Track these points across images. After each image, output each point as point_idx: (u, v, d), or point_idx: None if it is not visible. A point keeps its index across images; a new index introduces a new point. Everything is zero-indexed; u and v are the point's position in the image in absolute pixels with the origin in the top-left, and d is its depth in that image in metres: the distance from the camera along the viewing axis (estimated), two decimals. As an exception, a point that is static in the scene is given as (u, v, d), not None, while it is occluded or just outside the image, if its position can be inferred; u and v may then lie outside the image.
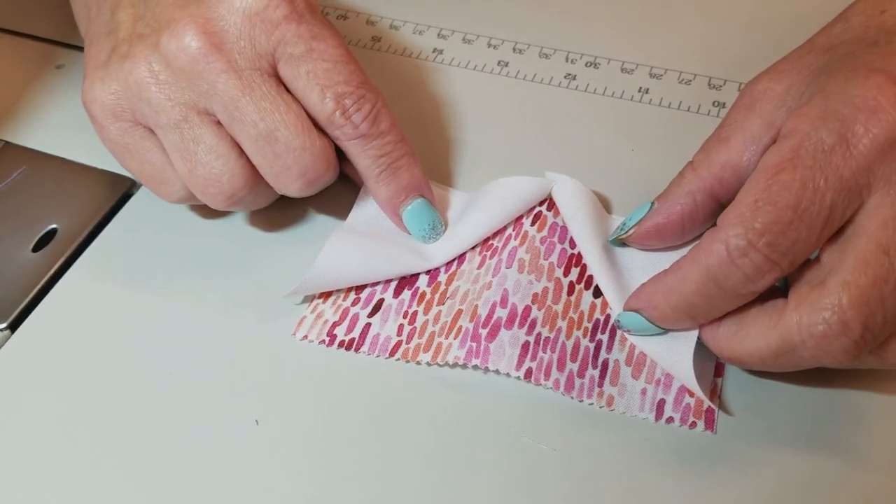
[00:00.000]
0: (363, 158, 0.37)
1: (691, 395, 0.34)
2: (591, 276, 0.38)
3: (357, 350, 0.36)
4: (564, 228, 0.39)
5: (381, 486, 0.32)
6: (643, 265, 0.37)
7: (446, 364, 0.35)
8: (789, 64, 0.35)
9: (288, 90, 0.36)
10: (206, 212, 0.42)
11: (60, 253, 0.40)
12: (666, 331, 0.34)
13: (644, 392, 0.34)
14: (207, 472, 0.33)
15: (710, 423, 0.33)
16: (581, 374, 0.35)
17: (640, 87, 0.46)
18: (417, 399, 0.35)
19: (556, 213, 0.39)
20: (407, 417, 0.34)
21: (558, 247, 0.39)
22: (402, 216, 0.39)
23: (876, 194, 0.29)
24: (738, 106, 0.35)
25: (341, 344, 0.36)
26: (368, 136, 0.37)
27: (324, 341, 0.37)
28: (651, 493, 0.32)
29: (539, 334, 0.36)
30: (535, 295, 0.37)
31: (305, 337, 0.37)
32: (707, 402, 0.33)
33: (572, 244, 0.39)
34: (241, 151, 0.36)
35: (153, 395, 0.35)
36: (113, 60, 0.37)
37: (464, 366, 0.35)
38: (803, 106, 0.31)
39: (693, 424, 0.33)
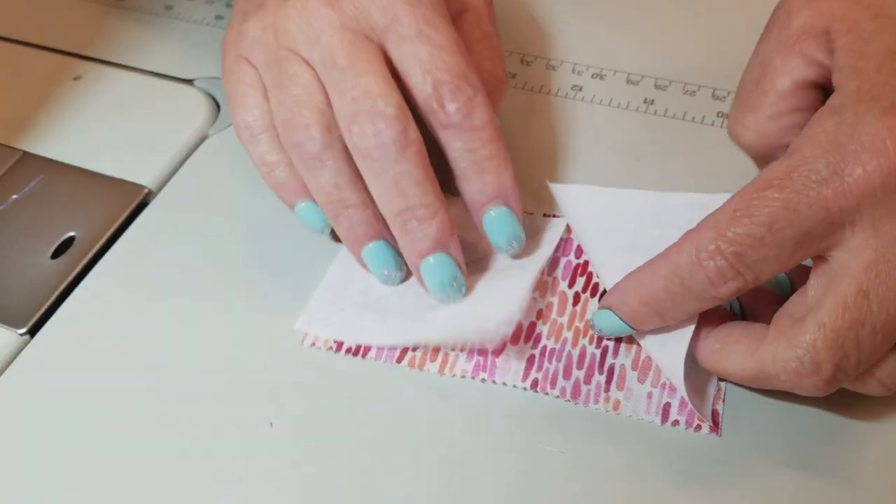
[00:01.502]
0: (451, 150, 0.36)
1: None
2: (596, 284, 0.38)
3: (364, 356, 0.37)
4: (569, 241, 0.40)
5: (389, 486, 0.33)
6: None
7: (455, 375, 0.36)
8: (827, 2, 0.32)
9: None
10: (221, 219, 0.42)
11: (78, 260, 0.41)
12: (635, 331, 0.34)
13: (650, 395, 0.35)
14: (222, 472, 0.34)
15: (714, 426, 0.34)
16: (587, 381, 0.35)
17: (646, 98, 0.47)
18: (424, 400, 0.35)
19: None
20: (414, 418, 0.35)
21: (563, 260, 0.39)
22: (483, 221, 0.37)
23: (860, 234, 0.29)
24: (770, 41, 0.34)
25: (348, 350, 0.37)
26: (460, 128, 0.36)
27: (331, 348, 0.37)
28: (657, 494, 0.32)
29: (545, 346, 0.36)
30: (540, 311, 0.37)
31: (313, 344, 0.37)
32: (689, 404, 0.34)
33: (577, 254, 0.39)
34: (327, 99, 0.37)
35: (169, 399, 0.36)
36: (250, 7, 0.40)
37: (472, 378, 0.36)
38: (816, 126, 0.30)
39: (698, 427, 0.34)
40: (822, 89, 0.33)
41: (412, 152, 0.35)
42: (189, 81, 0.50)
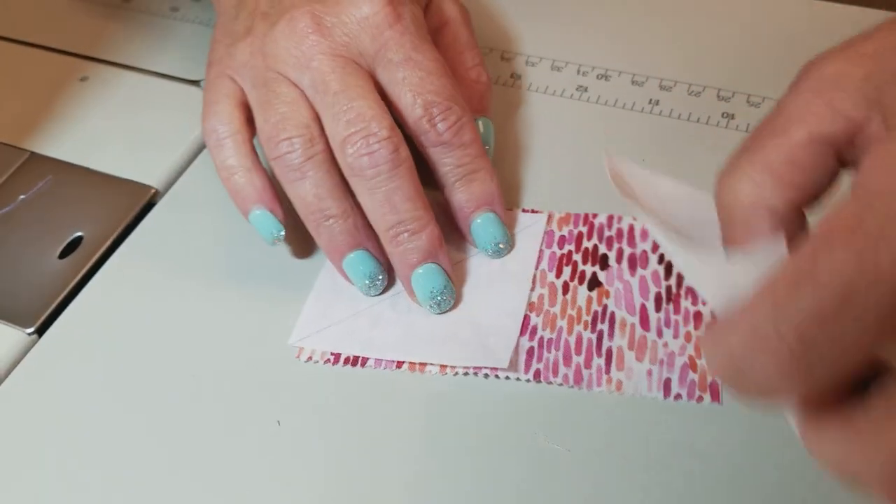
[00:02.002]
0: (441, 166, 0.39)
1: (695, 370, 0.35)
2: (583, 272, 0.39)
3: (363, 365, 0.37)
4: (550, 233, 0.40)
5: (396, 487, 0.33)
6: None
7: (458, 373, 0.36)
8: (871, 45, 0.26)
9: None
10: (228, 219, 0.43)
11: (86, 260, 0.41)
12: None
13: (650, 373, 0.35)
14: (230, 471, 0.34)
15: (715, 395, 0.34)
16: (588, 365, 0.36)
17: (651, 99, 0.47)
18: (429, 401, 0.36)
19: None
20: (419, 419, 0.35)
21: (547, 252, 0.40)
22: (471, 227, 0.39)
23: None
24: (798, 89, 0.27)
25: (346, 361, 0.37)
26: (450, 145, 0.38)
27: (328, 360, 0.37)
28: (665, 494, 0.33)
29: (542, 338, 0.37)
30: (532, 304, 0.38)
31: (310, 358, 0.37)
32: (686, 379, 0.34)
33: (560, 244, 0.40)
34: (316, 117, 0.38)
35: (176, 398, 0.36)
36: (238, 30, 0.41)
37: (475, 374, 0.36)
38: (884, 157, 0.23)
39: (700, 398, 0.34)
40: (839, 154, 0.26)
41: (404, 170, 0.37)
42: (195, 82, 0.50)
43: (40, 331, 0.39)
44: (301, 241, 0.41)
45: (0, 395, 0.37)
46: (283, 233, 0.39)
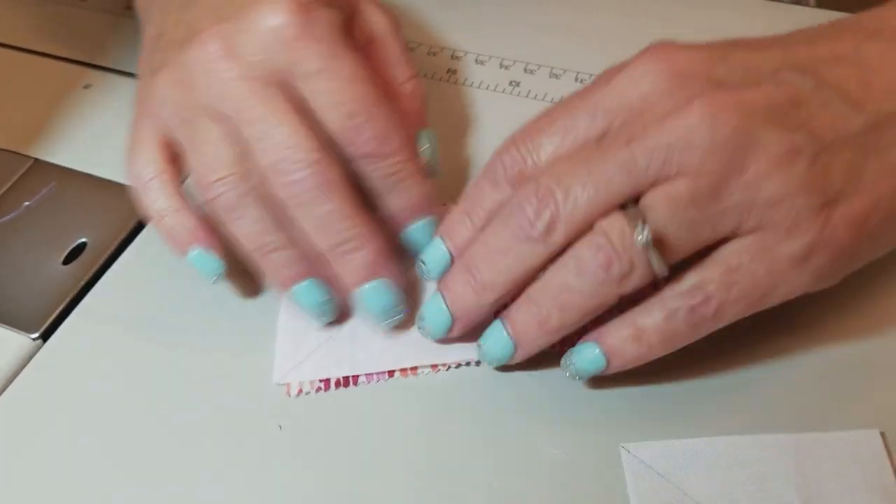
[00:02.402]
0: (369, 179, 0.37)
1: None
2: None
3: (356, 383, 0.37)
4: None
5: (393, 494, 0.33)
6: None
7: (450, 367, 0.37)
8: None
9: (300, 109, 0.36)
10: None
11: (90, 265, 0.42)
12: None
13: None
14: (233, 474, 0.34)
15: None
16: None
17: (648, 107, 0.47)
18: (426, 407, 0.36)
19: None
20: (417, 425, 0.35)
21: None
22: (408, 233, 0.38)
23: None
24: None
25: (338, 384, 0.37)
26: (375, 156, 0.36)
27: (319, 388, 0.37)
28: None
29: None
30: None
31: (300, 391, 0.37)
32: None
33: None
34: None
35: (179, 402, 0.37)
36: (156, 62, 0.39)
37: (467, 364, 0.37)
38: None
39: None
40: None
41: (336, 190, 0.35)
42: (198, 90, 0.51)
43: (45, 336, 0.39)
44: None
45: (4, 400, 0.37)
46: (223, 269, 0.38)
